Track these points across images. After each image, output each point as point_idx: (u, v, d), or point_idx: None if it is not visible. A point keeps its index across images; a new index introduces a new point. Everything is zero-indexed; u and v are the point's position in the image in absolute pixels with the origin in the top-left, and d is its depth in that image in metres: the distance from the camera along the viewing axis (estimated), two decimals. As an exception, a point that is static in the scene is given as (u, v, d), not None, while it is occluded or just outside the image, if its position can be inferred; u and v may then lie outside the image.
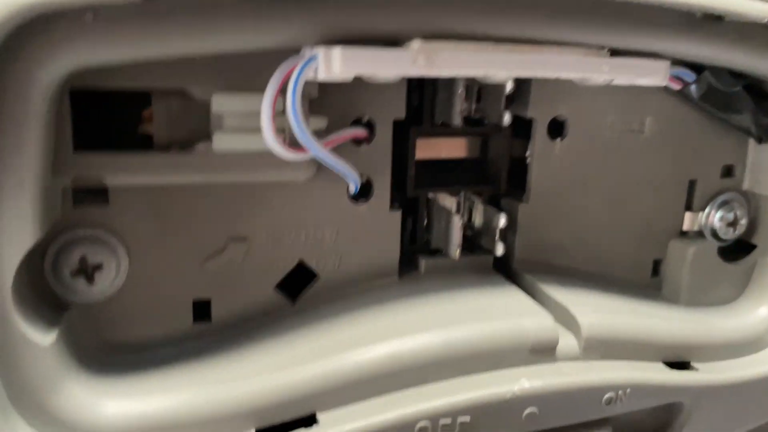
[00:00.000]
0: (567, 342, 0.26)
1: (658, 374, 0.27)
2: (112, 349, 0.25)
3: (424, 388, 0.25)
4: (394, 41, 0.23)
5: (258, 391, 0.23)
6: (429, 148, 0.30)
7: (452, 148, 0.31)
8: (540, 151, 0.29)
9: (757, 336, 0.32)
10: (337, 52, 0.21)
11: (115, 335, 0.25)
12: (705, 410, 0.29)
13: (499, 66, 0.23)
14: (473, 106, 0.30)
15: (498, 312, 0.26)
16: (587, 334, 0.26)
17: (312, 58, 0.22)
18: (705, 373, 0.29)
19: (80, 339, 0.24)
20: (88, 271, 0.24)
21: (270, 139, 0.23)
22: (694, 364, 0.29)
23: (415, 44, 0.22)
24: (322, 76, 0.21)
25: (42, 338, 0.21)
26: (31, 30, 0.19)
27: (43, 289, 0.23)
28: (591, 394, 0.25)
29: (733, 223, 0.33)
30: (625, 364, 0.27)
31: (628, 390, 0.26)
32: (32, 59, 0.19)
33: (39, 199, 0.21)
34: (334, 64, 0.21)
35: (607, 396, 0.25)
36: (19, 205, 0.20)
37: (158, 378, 0.24)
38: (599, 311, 0.27)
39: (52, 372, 0.22)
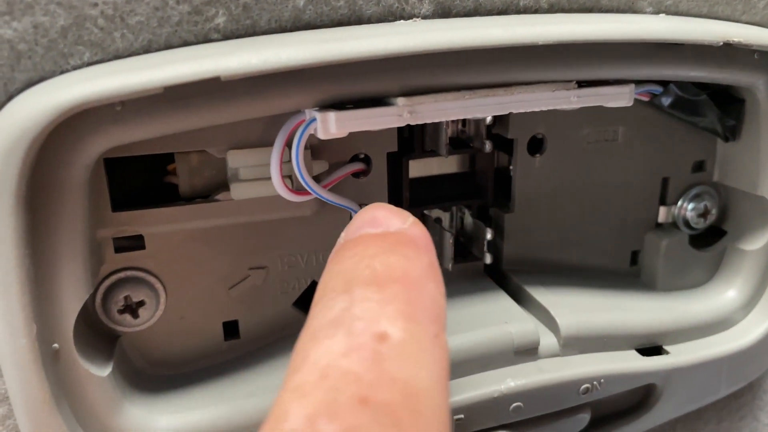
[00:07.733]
0: (548, 341, 0.30)
1: (630, 363, 0.31)
2: (156, 368, 0.29)
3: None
4: (381, 98, 0.26)
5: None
6: (421, 167, 0.34)
7: (442, 165, 0.34)
8: (521, 166, 0.32)
9: (725, 316, 0.35)
10: (332, 115, 0.24)
11: (158, 356, 0.29)
12: (677, 387, 0.33)
13: (475, 110, 0.26)
14: (459, 128, 0.33)
15: (487, 319, 0.30)
16: (565, 333, 0.30)
17: (312, 120, 0.25)
18: (675, 356, 0.32)
19: (130, 363, 0.28)
20: (132, 307, 0.28)
21: (279, 188, 0.26)
22: (665, 347, 0.33)
23: (400, 101, 0.25)
24: (321, 135, 0.25)
25: (101, 371, 0.25)
26: (69, 123, 0.22)
27: (96, 325, 0.27)
28: (569, 386, 0.29)
29: (704, 214, 0.36)
30: (600, 356, 0.30)
31: (602, 380, 0.30)
32: (72, 146, 0.23)
33: (88, 256, 0.25)
34: (330, 126, 0.24)
35: (583, 387, 0.29)
36: (73, 264, 0.24)
37: (199, 393, 0.28)
38: (576, 311, 0.31)
39: (111, 397, 0.26)
